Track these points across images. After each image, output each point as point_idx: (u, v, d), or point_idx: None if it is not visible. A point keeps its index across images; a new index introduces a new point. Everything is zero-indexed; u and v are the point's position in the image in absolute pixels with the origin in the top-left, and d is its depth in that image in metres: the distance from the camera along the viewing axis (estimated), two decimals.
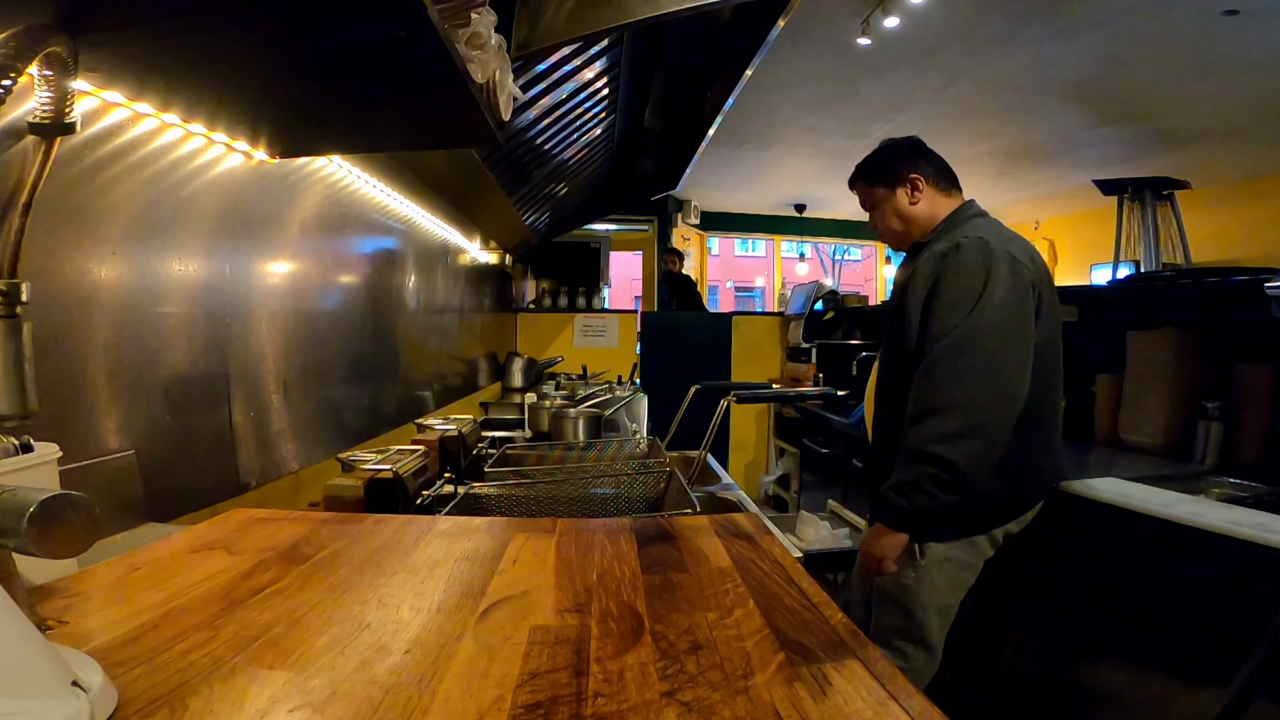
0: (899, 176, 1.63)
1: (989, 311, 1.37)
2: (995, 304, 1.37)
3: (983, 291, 1.38)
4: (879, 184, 1.66)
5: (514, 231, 3.71)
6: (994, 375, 1.35)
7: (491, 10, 1.07)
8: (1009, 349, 1.37)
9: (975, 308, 1.37)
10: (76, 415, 0.95)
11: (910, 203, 1.63)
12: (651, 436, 2.09)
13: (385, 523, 1.02)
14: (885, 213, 1.66)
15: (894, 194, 1.64)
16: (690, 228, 7.77)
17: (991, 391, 1.35)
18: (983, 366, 1.35)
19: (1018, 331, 1.39)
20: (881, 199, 1.66)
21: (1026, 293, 1.42)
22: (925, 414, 1.38)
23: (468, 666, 0.57)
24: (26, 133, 0.80)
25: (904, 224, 1.65)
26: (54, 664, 0.47)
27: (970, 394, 1.35)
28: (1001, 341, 1.37)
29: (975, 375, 1.35)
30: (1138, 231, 5.23)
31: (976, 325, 1.37)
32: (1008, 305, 1.38)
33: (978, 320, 1.37)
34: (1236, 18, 3.18)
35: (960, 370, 1.36)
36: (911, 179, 1.62)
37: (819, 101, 4.61)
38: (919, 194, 1.62)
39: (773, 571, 0.82)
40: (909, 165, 1.63)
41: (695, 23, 2.21)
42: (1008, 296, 1.38)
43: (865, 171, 1.69)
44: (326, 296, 1.77)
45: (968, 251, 1.44)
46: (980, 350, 1.36)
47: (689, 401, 2.16)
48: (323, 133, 1.27)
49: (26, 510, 0.45)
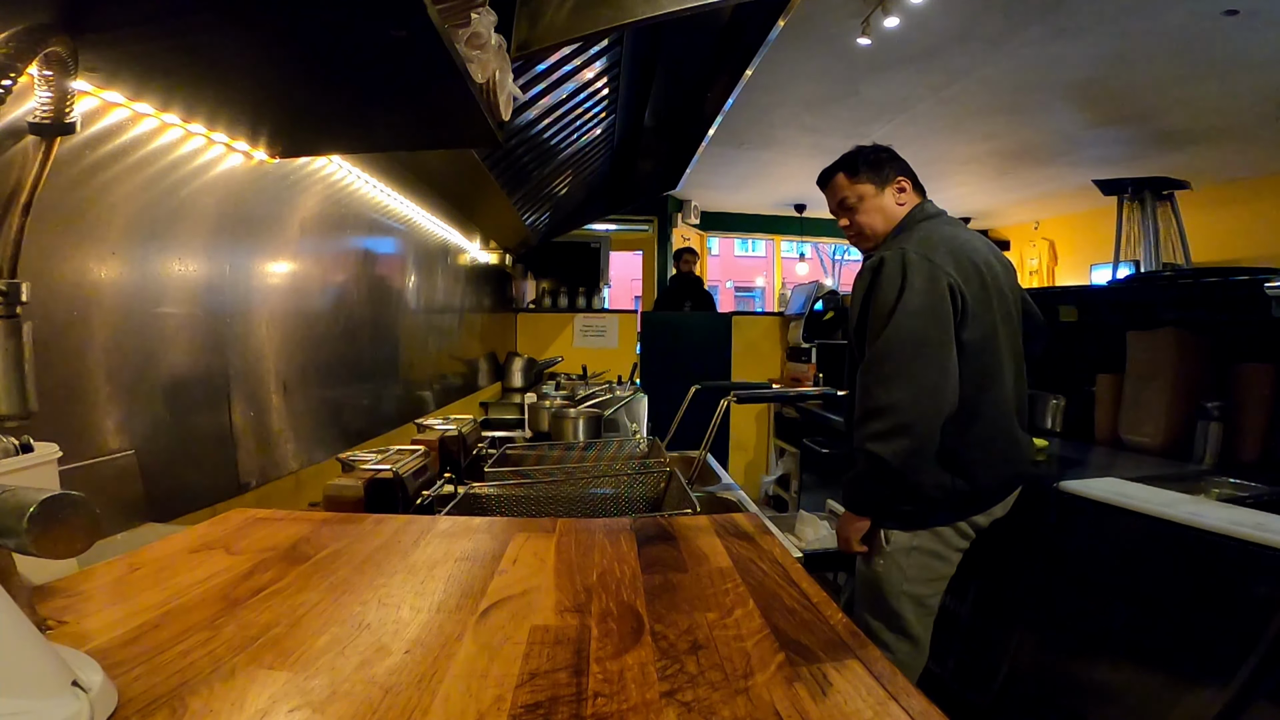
0: (888, 174, 1.67)
1: (904, 320, 1.48)
2: (909, 313, 1.48)
3: (896, 302, 1.49)
4: (868, 180, 1.67)
5: (514, 231, 3.71)
6: (912, 379, 1.47)
7: (491, 10, 1.07)
8: (926, 352, 1.48)
9: (892, 318, 1.48)
10: (76, 415, 0.95)
11: (897, 204, 1.67)
12: (651, 436, 2.09)
13: (385, 523, 1.02)
14: (869, 210, 1.68)
15: (883, 193, 1.67)
16: (690, 228, 7.76)
17: (914, 394, 1.46)
18: (903, 372, 1.47)
19: (933, 335, 1.49)
20: (869, 196, 1.67)
21: (943, 298, 1.50)
22: (862, 416, 1.51)
23: (468, 666, 0.57)
24: (26, 133, 0.80)
25: (885, 223, 1.68)
26: (54, 664, 0.47)
27: (894, 397, 1.46)
28: (917, 347, 1.48)
29: (897, 380, 1.47)
30: (1138, 231, 5.22)
31: (894, 334, 1.48)
32: (920, 313, 1.48)
33: (894, 330, 1.48)
34: (1236, 18, 3.18)
35: (885, 375, 1.48)
36: (899, 180, 1.67)
37: (819, 101, 4.60)
38: (904, 195, 1.67)
39: (773, 571, 0.82)
40: (898, 167, 1.68)
41: (695, 23, 2.20)
42: (920, 303, 1.48)
43: (850, 166, 1.70)
44: (326, 296, 1.77)
45: (889, 264, 1.53)
46: (899, 357, 1.48)
47: (689, 401, 2.16)
48: (323, 133, 1.27)
49: (26, 510, 0.45)
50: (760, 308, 15.75)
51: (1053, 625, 1.80)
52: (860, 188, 1.68)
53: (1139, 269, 5.06)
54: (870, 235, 1.69)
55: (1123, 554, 1.64)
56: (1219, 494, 1.78)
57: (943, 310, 1.50)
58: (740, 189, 7.26)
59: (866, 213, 1.68)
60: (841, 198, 1.71)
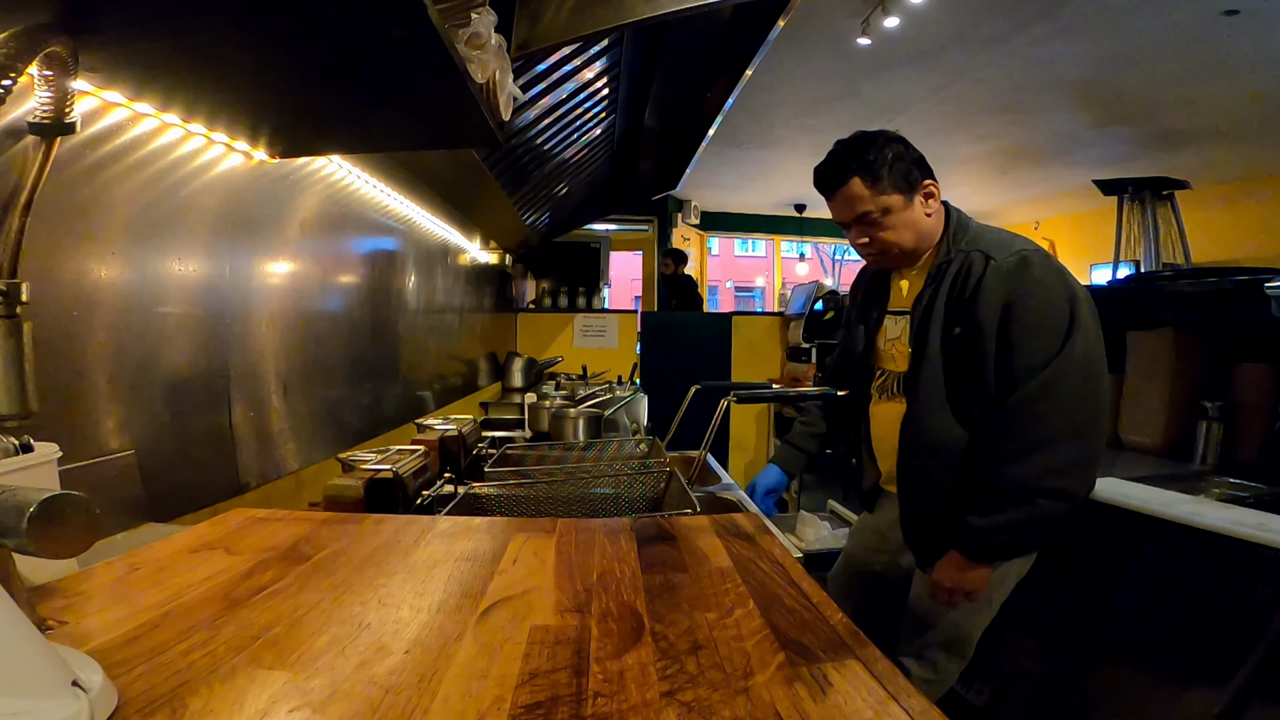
0: (918, 182, 1.39)
1: (1080, 339, 1.26)
2: (1085, 331, 1.27)
3: (1072, 318, 1.27)
4: (895, 190, 1.37)
5: (514, 231, 3.71)
6: (1094, 404, 1.27)
7: (491, 10, 1.07)
8: (1103, 374, 1.30)
9: (1069, 336, 1.26)
10: (76, 415, 0.95)
11: (927, 214, 1.40)
12: (651, 436, 2.09)
13: (385, 523, 1.02)
14: (898, 225, 1.39)
15: (912, 205, 1.38)
16: (690, 228, 7.77)
17: (1095, 419, 1.28)
18: (1088, 395, 1.26)
19: (1102, 356, 1.31)
20: (896, 209, 1.37)
21: (1096, 312, 1.32)
22: (1031, 449, 1.25)
23: (468, 666, 0.57)
24: (26, 133, 0.80)
25: (917, 239, 1.41)
26: (54, 664, 0.47)
27: (1076, 424, 1.25)
28: (1099, 370, 1.29)
29: (1081, 405, 1.26)
30: (1138, 231, 5.22)
31: (1072, 356, 1.26)
32: (1095, 331, 1.29)
33: (1072, 351, 1.26)
34: (1236, 18, 3.18)
35: (1067, 402, 1.25)
36: (928, 187, 1.40)
37: (819, 101, 4.60)
38: (933, 202, 1.41)
39: (773, 571, 0.82)
40: (926, 171, 1.40)
41: (695, 23, 2.20)
42: (1092, 322, 1.29)
43: (869, 170, 1.37)
44: (326, 296, 1.77)
45: (1039, 269, 1.30)
46: (1081, 380, 1.26)
47: (689, 401, 2.16)
48: (323, 133, 1.27)
49: (26, 510, 0.45)
50: (760, 308, 15.76)
51: (1052, 625, 1.80)
52: (886, 199, 1.37)
53: (1139, 269, 5.06)
54: (898, 253, 1.42)
55: (1123, 554, 1.64)
56: (1219, 494, 1.78)
57: (1099, 327, 1.32)
58: (740, 189, 7.27)
59: (895, 229, 1.39)
60: (862, 212, 1.39)
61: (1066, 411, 1.25)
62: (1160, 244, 5.13)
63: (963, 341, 1.33)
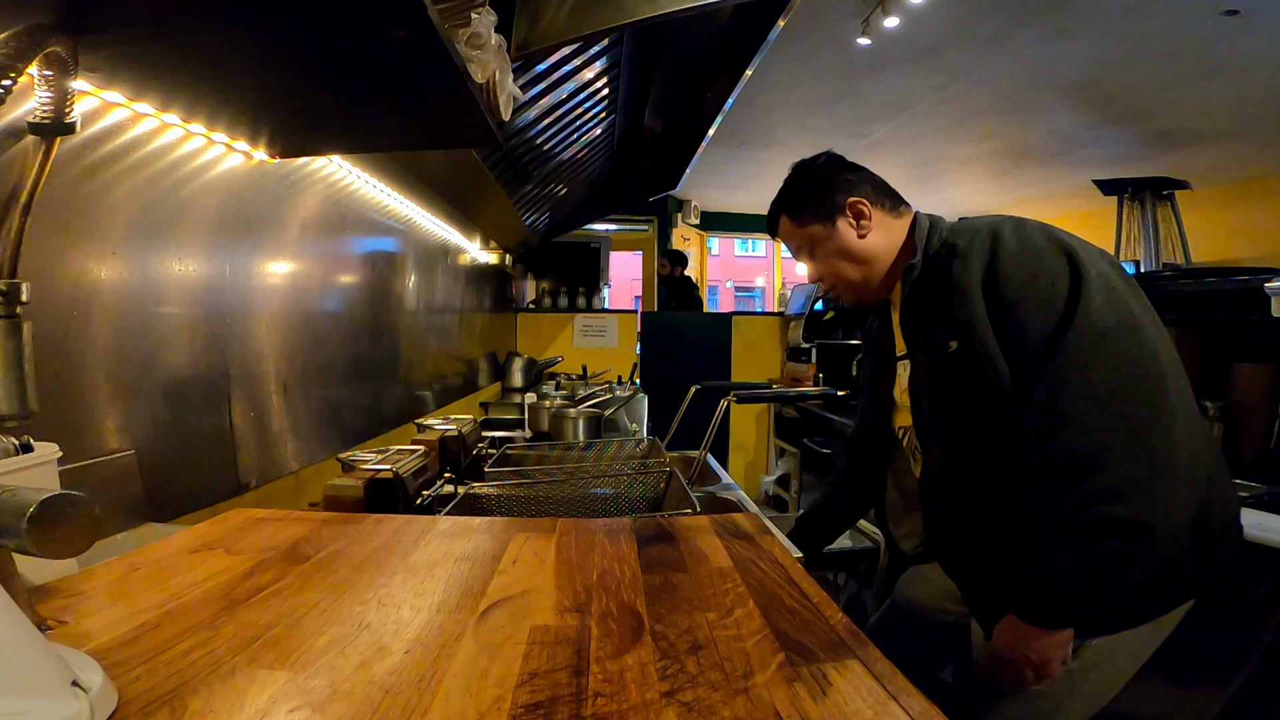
0: (837, 204, 1.20)
1: (1095, 297, 0.96)
2: (1101, 287, 0.97)
3: (1074, 270, 0.99)
4: (813, 219, 1.22)
5: (514, 231, 3.71)
6: (1149, 385, 0.94)
7: (491, 10, 1.07)
8: (1155, 345, 0.96)
9: (1077, 295, 0.97)
10: (76, 415, 0.95)
11: (859, 235, 1.20)
12: (651, 436, 2.09)
13: (385, 523, 1.02)
14: (828, 256, 1.22)
15: (835, 229, 1.20)
16: (690, 228, 7.76)
17: (1156, 408, 0.93)
18: (1133, 375, 0.93)
19: (1149, 324, 0.98)
20: (819, 239, 1.22)
21: (1127, 276, 1.03)
22: (1069, 467, 0.94)
23: (468, 666, 0.57)
24: (26, 133, 0.80)
25: (860, 266, 1.21)
26: (54, 664, 0.47)
27: (1125, 422, 0.92)
28: (1145, 339, 0.96)
29: (1128, 389, 0.93)
30: (1138, 231, 5.22)
31: (1089, 320, 0.95)
32: (1125, 291, 0.99)
33: (1087, 314, 0.95)
34: (1236, 18, 3.18)
35: (1099, 390, 0.93)
36: (853, 205, 1.20)
37: (819, 101, 4.60)
38: (866, 222, 1.19)
39: (773, 571, 0.82)
40: (843, 188, 1.21)
41: (695, 23, 2.20)
42: (1117, 280, 1.00)
43: (787, 205, 1.26)
44: (326, 296, 1.77)
45: (1013, 231, 1.06)
46: (1118, 353, 0.94)
47: (689, 401, 2.16)
48: (323, 133, 1.27)
49: (26, 510, 0.45)
50: (760, 308, 15.76)
51: None
52: (808, 230, 1.23)
53: (1139, 269, 5.06)
54: (855, 284, 1.23)
55: None
56: None
57: (1132, 284, 1.06)
58: (740, 189, 7.26)
59: (828, 259, 1.23)
60: (795, 248, 1.28)
61: (1101, 404, 0.92)
62: (1160, 244, 5.14)
63: (961, 357, 1.07)
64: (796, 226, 1.25)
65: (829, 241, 1.22)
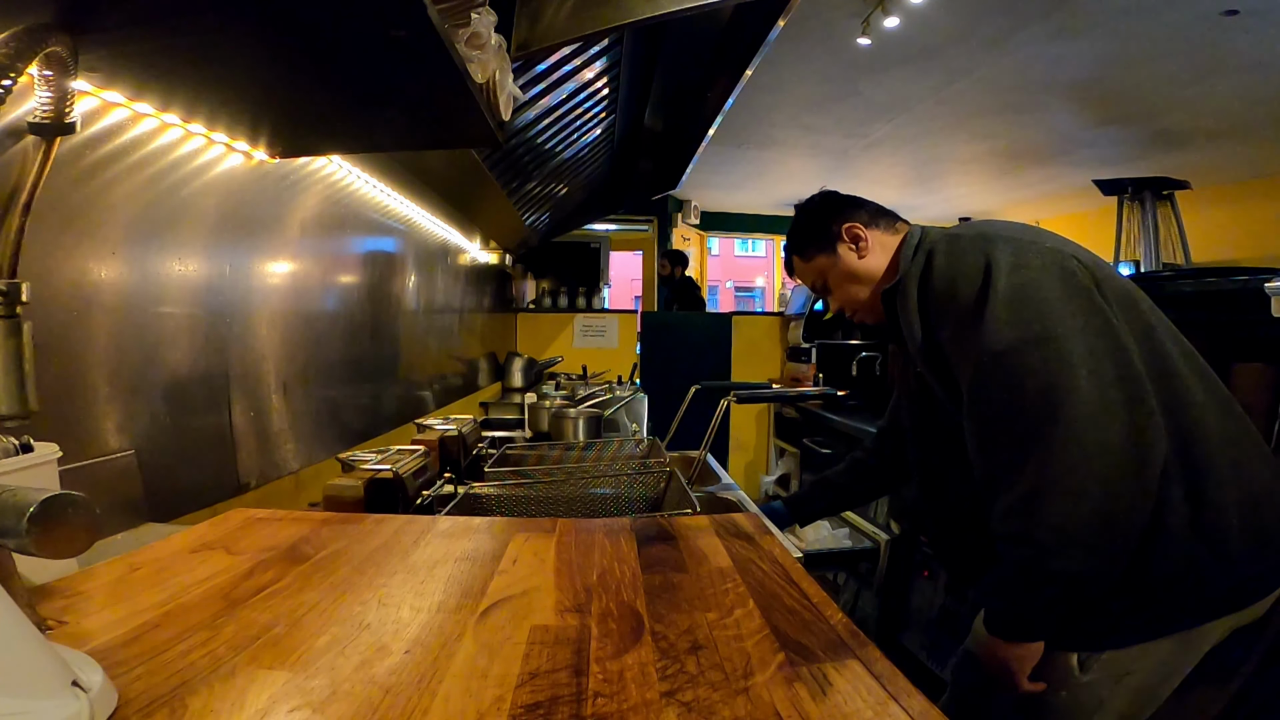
0: (833, 233, 1.25)
1: (999, 307, 0.96)
2: (1006, 298, 0.96)
3: (986, 280, 0.98)
4: (816, 251, 1.27)
5: (514, 231, 3.71)
6: (1050, 396, 0.92)
7: (491, 10, 1.07)
8: (1061, 349, 0.94)
9: (980, 309, 0.97)
10: (76, 415, 0.95)
11: (859, 257, 1.24)
12: (651, 436, 2.09)
13: (385, 523, 1.02)
14: (839, 283, 1.27)
15: (837, 256, 1.25)
16: (690, 228, 7.77)
17: (1048, 418, 0.91)
18: (1040, 387, 0.92)
19: (1077, 331, 0.95)
20: (827, 268, 1.27)
21: (1062, 271, 1.00)
22: (989, 481, 0.98)
23: (468, 666, 0.57)
24: (26, 133, 0.80)
25: (866, 286, 1.24)
26: (54, 664, 0.47)
27: (1033, 435, 0.93)
28: (1041, 344, 0.94)
29: (1035, 402, 0.93)
30: (1138, 231, 5.23)
31: (992, 335, 0.96)
32: (1037, 288, 0.97)
33: (991, 328, 0.96)
34: (1236, 18, 3.18)
35: (1002, 404, 0.95)
36: (848, 229, 1.24)
37: (819, 101, 4.60)
38: (864, 243, 1.24)
39: (773, 571, 0.82)
40: (838, 216, 1.26)
41: (695, 23, 2.20)
42: (1029, 276, 0.98)
43: (793, 245, 1.33)
44: (326, 296, 1.77)
45: (955, 240, 1.09)
46: (1017, 368, 0.94)
47: (689, 401, 2.16)
48: (323, 133, 1.27)
49: (26, 510, 0.45)
50: (760, 308, 15.76)
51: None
52: (816, 263, 1.29)
53: (1139, 269, 5.06)
54: (865, 308, 1.27)
55: None
56: None
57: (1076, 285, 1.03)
58: (740, 189, 7.26)
59: (839, 286, 1.28)
60: (810, 284, 1.34)
61: (990, 426, 0.96)
62: (1160, 244, 5.14)
63: (924, 382, 1.11)
64: (805, 263, 1.31)
65: (835, 269, 1.27)
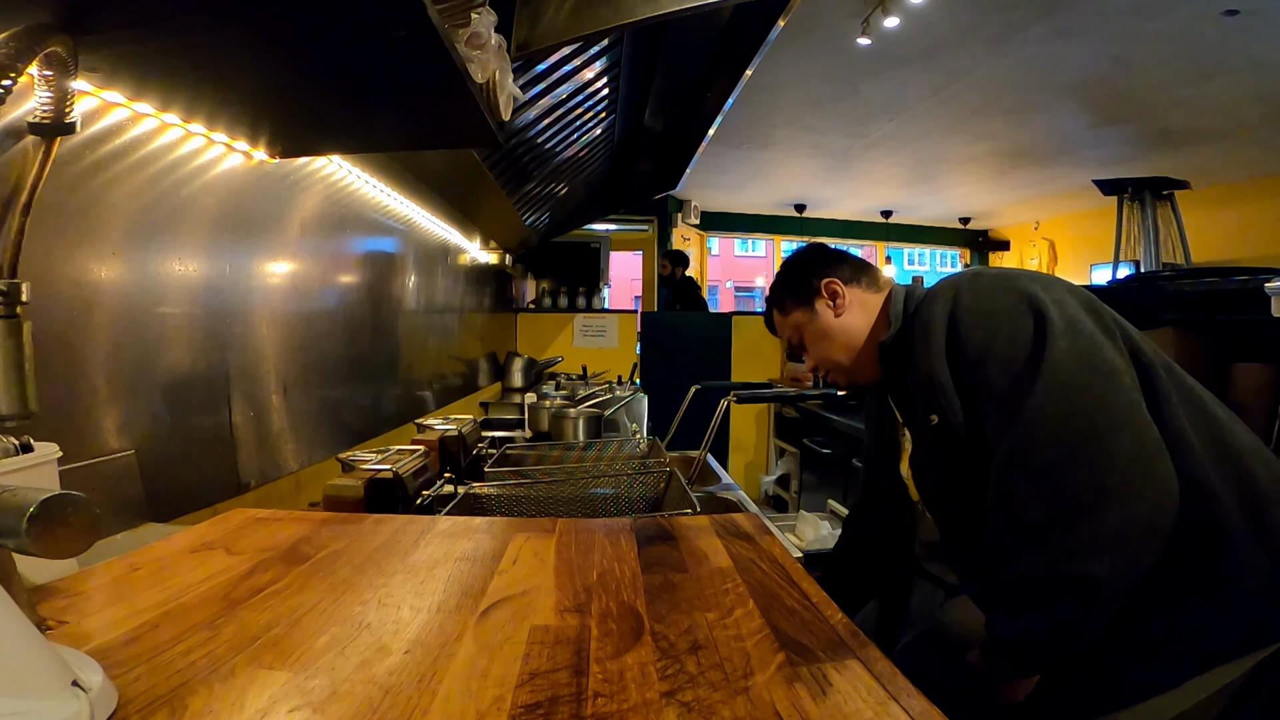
0: (812, 288, 1.22)
1: (1059, 354, 0.92)
2: (1066, 341, 0.93)
3: (1040, 324, 0.95)
4: (794, 305, 1.24)
5: (514, 231, 3.71)
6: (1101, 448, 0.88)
7: (491, 10, 1.07)
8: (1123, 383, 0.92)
9: (1041, 350, 0.93)
10: (76, 415, 0.95)
11: (835, 315, 1.20)
12: (651, 436, 2.09)
13: (385, 523, 1.02)
14: (814, 340, 1.23)
15: (814, 312, 1.22)
16: (690, 228, 7.77)
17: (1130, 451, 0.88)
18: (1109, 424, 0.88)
19: (1120, 355, 0.95)
20: (803, 324, 1.23)
21: (1090, 310, 0.99)
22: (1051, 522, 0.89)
23: (468, 666, 0.57)
24: (26, 133, 0.80)
25: (843, 347, 1.20)
26: (54, 664, 0.47)
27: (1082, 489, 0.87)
28: (1107, 377, 0.92)
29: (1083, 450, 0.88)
30: (1138, 231, 5.23)
31: (1052, 379, 0.91)
32: (1084, 323, 0.96)
33: (1050, 370, 0.91)
34: (1236, 18, 3.18)
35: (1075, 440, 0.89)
36: (826, 285, 1.21)
37: (819, 101, 4.61)
38: (841, 300, 1.20)
39: (773, 571, 0.82)
40: (818, 272, 1.23)
41: (695, 23, 2.20)
42: (1076, 313, 0.97)
43: (773, 298, 1.30)
44: (326, 296, 1.77)
45: (973, 285, 1.05)
46: (1070, 413, 0.90)
47: (689, 401, 2.16)
48: (323, 133, 1.27)
49: (26, 510, 0.45)
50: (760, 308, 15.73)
51: None
52: (793, 318, 1.25)
53: (1139, 269, 5.07)
54: (845, 368, 1.22)
55: None
56: None
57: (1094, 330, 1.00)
58: (740, 189, 7.27)
59: (815, 343, 1.23)
60: (786, 340, 1.30)
61: (1072, 456, 0.88)
62: (1160, 244, 5.15)
63: (943, 430, 1.04)
64: (783, 318, 1.27)
65: (811, 325, 1.23)
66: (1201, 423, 0.98)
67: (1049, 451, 0.90)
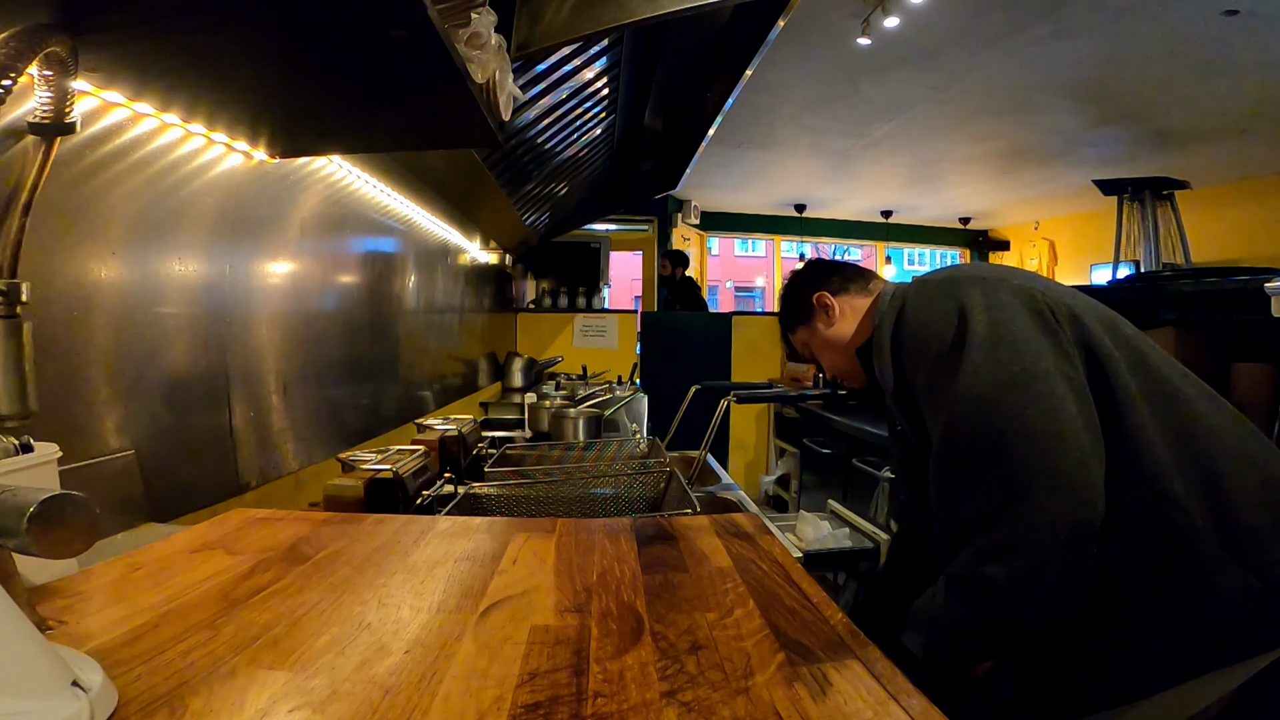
0: (807, 305, 1.27)
1: (979, 352, 0.93)
2: (985, 348, 0.93)
3: (961, 325, 0.96)
4: (797, 324, 1.30)
5: (514, 231, 3.71)
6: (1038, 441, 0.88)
7: (491, 10, 1.07)
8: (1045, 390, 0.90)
9: (957, 359, 0.94)
10: (76, 415, 0.95)
11: (829, 325, 1.25)
12: (651, 436, 2.09)
13: (385, 523, 1.02)
14: (820, 351, 1.29)
15: (814, 327, 1.27)
16: (690, 228, 7.77)
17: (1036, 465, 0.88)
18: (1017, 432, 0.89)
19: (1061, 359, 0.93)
20: (808, 340, 1.29)
21: (1032, 311, 0.97)
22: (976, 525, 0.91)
23: (468, 666, 0.57)
24: (26, 133, 0.80)
25: (842, 354, 1.24)
26: (54, 664, 0.47)
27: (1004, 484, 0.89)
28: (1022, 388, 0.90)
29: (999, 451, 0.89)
30: (1138, 231, 5.23)
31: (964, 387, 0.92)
32: (1013, 327, 0.94)
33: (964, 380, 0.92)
34: (1236, 18, 3.18)
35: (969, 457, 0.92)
36: (818, 299, 1.25)
37: (819, 101, 4.61)
38: (833, 311, 1.25)
39: (773, 571, 0.82)
40: (810, 288, 1.27)
41: (695, 22, 2.20)
42: (1008, 315, 0.96)
43: (782, 322, 1.36)
44: (326, 296, 1.77)
45: (922, 288, 1.07)
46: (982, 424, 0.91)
47: (689, 401, 2.16)
48: (323, 133, 1.27)
49: (26, 510, 0.45)
50: (760, 308, 15.75)
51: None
52: (799, 335, 1.31)
53: (1139, 269, 5.06)
54: (848, 370, 1.26)
55: None
56: None
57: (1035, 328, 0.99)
58: (740, 189, 7.27)
59: (821, 356, 1.30)
60: (803, 355, 1.36)
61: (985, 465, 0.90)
62: (1160, 244, 5.14)
63: (905, 436, 1.08)
64: (793, 336, 1.34)
65: (814, 340, 1.29)
66: (1171, 418, 0.97)
67: (959, 468, 0.94)
